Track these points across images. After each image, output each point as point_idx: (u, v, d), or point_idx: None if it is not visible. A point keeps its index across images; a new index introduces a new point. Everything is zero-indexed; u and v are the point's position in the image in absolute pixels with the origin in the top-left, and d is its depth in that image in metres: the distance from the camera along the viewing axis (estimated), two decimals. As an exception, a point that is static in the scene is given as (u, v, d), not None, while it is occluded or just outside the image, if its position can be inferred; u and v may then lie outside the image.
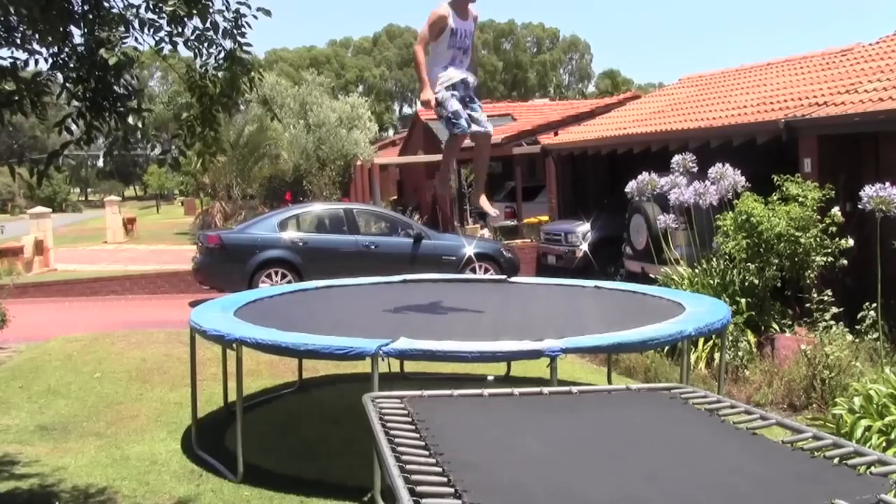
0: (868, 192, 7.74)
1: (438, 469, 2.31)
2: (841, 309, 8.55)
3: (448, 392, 3.22)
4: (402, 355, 5.68)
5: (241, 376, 6.03)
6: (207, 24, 4.95)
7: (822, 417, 7.02)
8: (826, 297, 8.56)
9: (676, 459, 2.62)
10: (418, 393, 3.13)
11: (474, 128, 6.17)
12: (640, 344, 6.01)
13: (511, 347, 5.56)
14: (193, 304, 8.27)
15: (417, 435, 2.62)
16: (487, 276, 13.50)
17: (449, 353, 5.44)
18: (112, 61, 4.52)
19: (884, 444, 5.77)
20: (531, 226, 19.54)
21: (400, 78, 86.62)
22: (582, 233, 16.14)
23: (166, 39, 4.98)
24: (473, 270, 14.19)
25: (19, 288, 14.58)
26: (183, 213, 47.83)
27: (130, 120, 4.89)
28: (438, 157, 26.58)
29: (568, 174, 18.60)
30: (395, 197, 31.07)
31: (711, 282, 9.97)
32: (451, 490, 2.18)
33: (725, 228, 10.00)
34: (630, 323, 6.10)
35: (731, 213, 10.00)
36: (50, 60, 4.89)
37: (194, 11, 4.82)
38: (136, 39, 4.93)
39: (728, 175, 10.21)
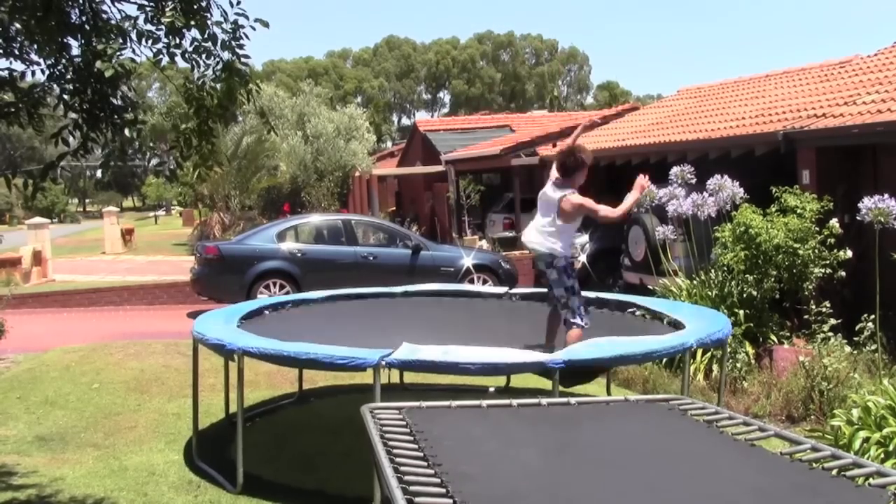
0: (867, 203, 7.74)
1: (437, 480, 2.31)
2: (839, 320, 8.55)
3: (446, 403, 3.21)
4: (405, 366, 5.66)
5: (243, 387, 6.02)
6: (206, 36, 4.94)
7: (820, 429, 7.02)
8: (824, 309, 8.56)
9: (675, 470, 2.61)
10: (417, 404, 3.13)
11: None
12: (642, 356, 6.00)
13: (514, 359, 5.54)
14: (192, 315, 8.27)
15: (416, 446, 2.61)
16: (488, 287, 13.50)
17: (452, 364, 5.41)
18: (109, 73, 4.51)
19: (882, 455, 5.77)
20: (530, 237, 19.50)
21: (399, 89, 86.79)
22: (580, 244, 16.12)
23: (164, 51, 4.96)
24: (472, 282, 14.18)
25: (17, 298, 14.57)
26: (181, 223, 47.78)
27: (127, 132, 4.88)
28: (436, 168, 26.61)
29: (566, 185, 18.53)
30: (394, 208, 31.12)
31: (710, 293, 9.96)
32: (450, 501, 2.17)
33: (724, 240, 10.01)
34: (631, 335, 6.09)
35: (729, 224, 10.00)
36: (47, 71, 4.87)
37: (192, 23, 4.81)
38: (133, 51, 4.92)
39: (726, 186, 10.21)
